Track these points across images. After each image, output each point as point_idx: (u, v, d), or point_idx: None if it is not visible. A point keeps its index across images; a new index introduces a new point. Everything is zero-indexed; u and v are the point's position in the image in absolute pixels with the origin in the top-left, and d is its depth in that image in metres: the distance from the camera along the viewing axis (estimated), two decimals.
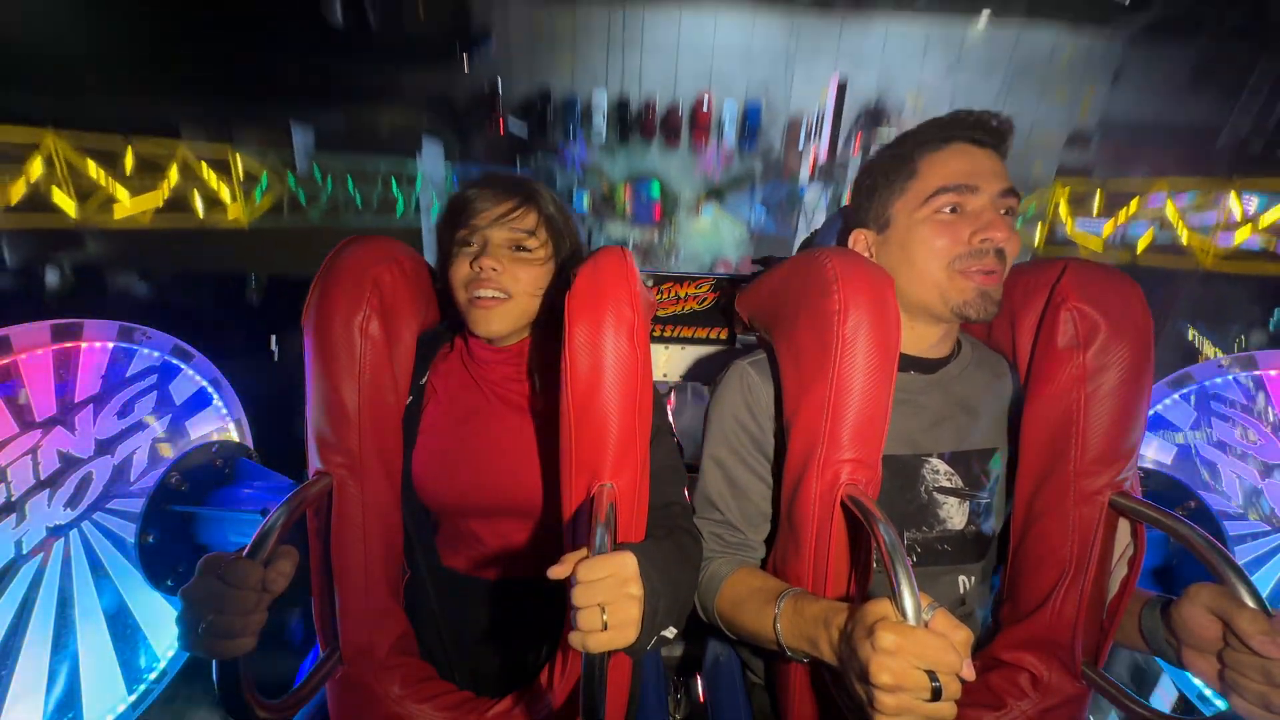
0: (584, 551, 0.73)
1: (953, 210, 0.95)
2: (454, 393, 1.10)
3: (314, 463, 0.97)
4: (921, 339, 1.03)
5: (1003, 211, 0.95)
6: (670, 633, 0.80)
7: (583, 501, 0.87)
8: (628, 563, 0.72)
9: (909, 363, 1.02)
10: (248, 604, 0.74)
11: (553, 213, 1.06)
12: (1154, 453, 1.58)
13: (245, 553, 0.76)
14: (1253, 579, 1.42)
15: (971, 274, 0.94)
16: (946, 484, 1.01)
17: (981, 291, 0.94)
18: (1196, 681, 1.43)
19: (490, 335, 1.03)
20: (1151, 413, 1.59)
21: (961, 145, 0.96)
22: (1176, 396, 1.58)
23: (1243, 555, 1.47)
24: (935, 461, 1.01)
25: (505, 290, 1.00)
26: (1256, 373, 1.51)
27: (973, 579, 1.03)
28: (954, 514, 1.01)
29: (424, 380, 1.10)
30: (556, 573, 0.72)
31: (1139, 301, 0.90)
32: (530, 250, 1.02)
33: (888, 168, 1.00)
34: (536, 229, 1.03)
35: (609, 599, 0.69)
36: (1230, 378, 1.53)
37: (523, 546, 1.07)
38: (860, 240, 1.05)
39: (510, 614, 1.08)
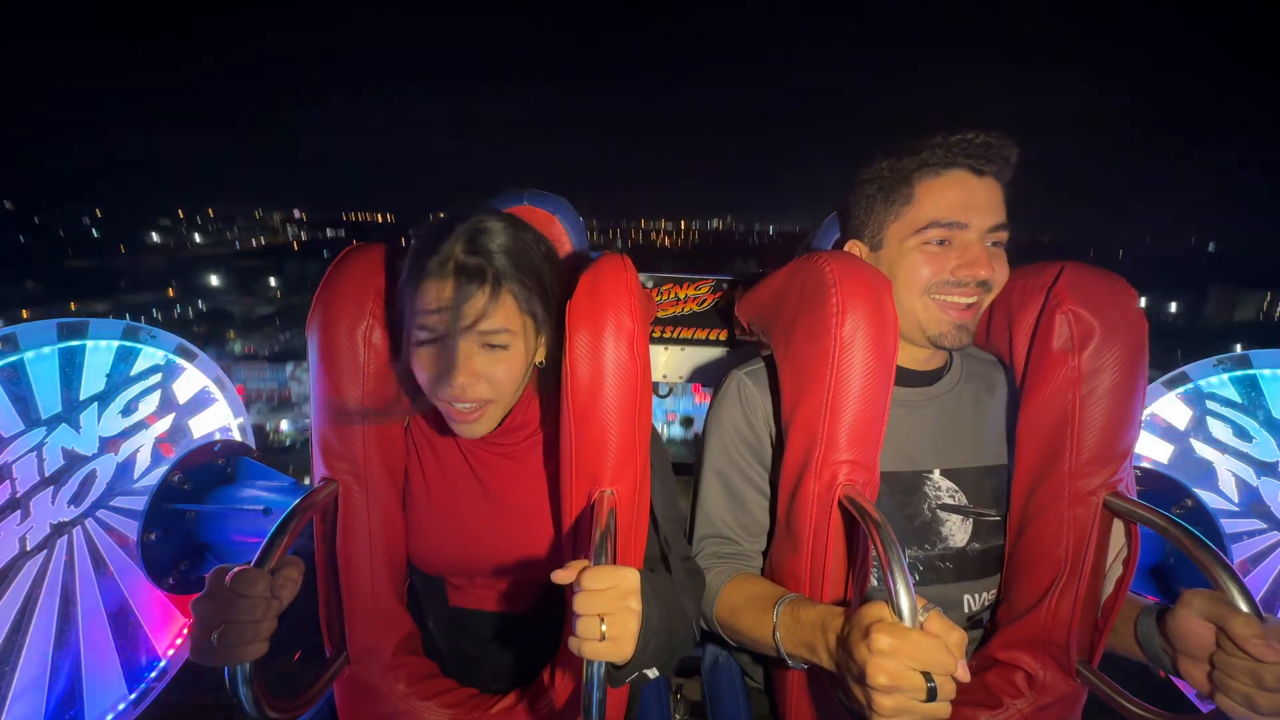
0: (587, 561, 0.74)
1: (941, 243, 0.97)
2: (433, 455, 1.06)
3: (319, 469, 0.98)
4: (912, 353, 1.04)
5: (991, 244, 0.97)
6: (652, 673, 0.80)
7: (583, 508, 0.88)
8: (630, 577, 0.72)
9: (902, 376, 1.03)
10: (257, 612, 0.75)
11: (525, 278, 0.87)
12: (1150, 451, 1.59)
13: (254, 562, 0.77)
14: (1249, 576, 1.44)
15: (948, 306, 0.97)
16: (949, 501, 1.02)
17: (957, 325, 0.98)
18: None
19: (474, 437, 0.96)
20: (1147, 412, 1.59)
21: (960, 174, 0.97)
22: (1172, 395, 1.59)
23: (1239, 553, 1.47)
24: (938, 478, 1.02)
25: (480, 399, 0.89)
26: (1251, 371, 1.52)
27: (981, 595, 1.04)
28: (956, 531, 1.02)
29: (406, 426, 1.07)
30: (560, 577, 0.73)
31: (1133, 304, 0.91)
32: (507, 346, 0.88)
33: (888, 185, 1.01)
34: (514, 317, 0.87)
35: (609, 610, 0.70)
36: (1225, 376, 1.54)
37: (521, 587, 1.07)
38: (854, 251, 1.07)
39: (508, 639, 1.08)
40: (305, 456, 0.99)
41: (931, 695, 0.63)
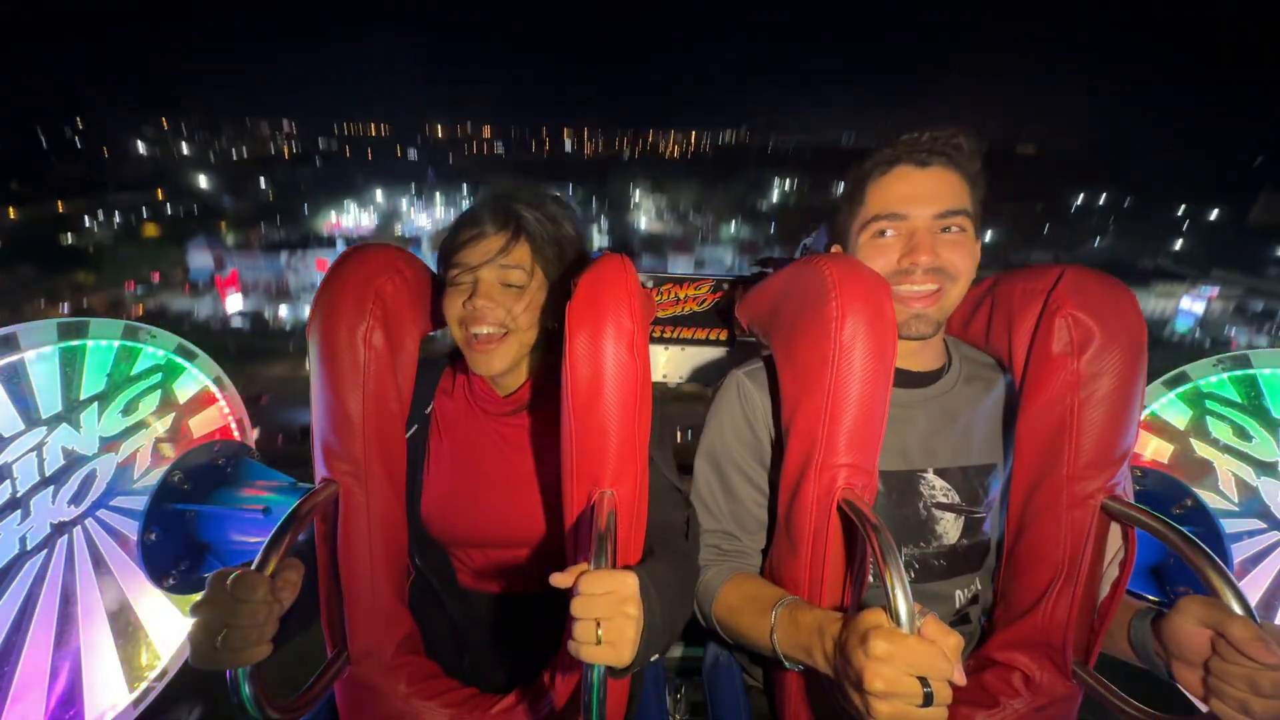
0: (586, 565, 0.74)
1: (888, 234, 0.99)
2: (459, 427, 1.11)
3: (320, 470, 0.98)
4: (909, 355, 1.04)
5: (943, 230, 0.98)
6: (654, 656, 0.81)
7: (583, 509, 0.88)
8: (629, 582, 0.72)
9: (900, 377, 1.03)
10: (258, 616, 0.75)
11: (545, 237, 1.03)
12: (1150, 452, 1.59)
13: (254, 565, 0.78)
14: (1249, 576, 1.44)
15: (905, 298, 0.98)
16: (944, 500, 1.02)
17: (914, 314, 0.98)
18: None
19: (491, 374, 1.03)
20: (1147, 412, 1.59)
21: (904, 169, 0.99)
22: (1172, 395, 1.59)
23: (1238, 553, 1.47)
24: (931, 477, 1.03)
25: (502, 325, 0.99)
26: (1250, 371, 1.51)
27: (970, 590, 1.05)
28: (950, 529, 1.02)
29: (429, 409, 1.11)
30: (559, 581, 0.73)
31: (1133, 308, 0.91)
32: (523, 285, 1.01)
33: (849, 190, 1.05)
34: (528, 261, 1.01)
35: (606, 615, 0.70)
36: (1225, 376, 1.53)
37: (529, 566, 1.08)
38: (845, 254, 1.08)
39: (514, 621, 1.09)
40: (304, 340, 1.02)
41: (928, 700, 0.64)
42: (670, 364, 1.61)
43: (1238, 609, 0.73)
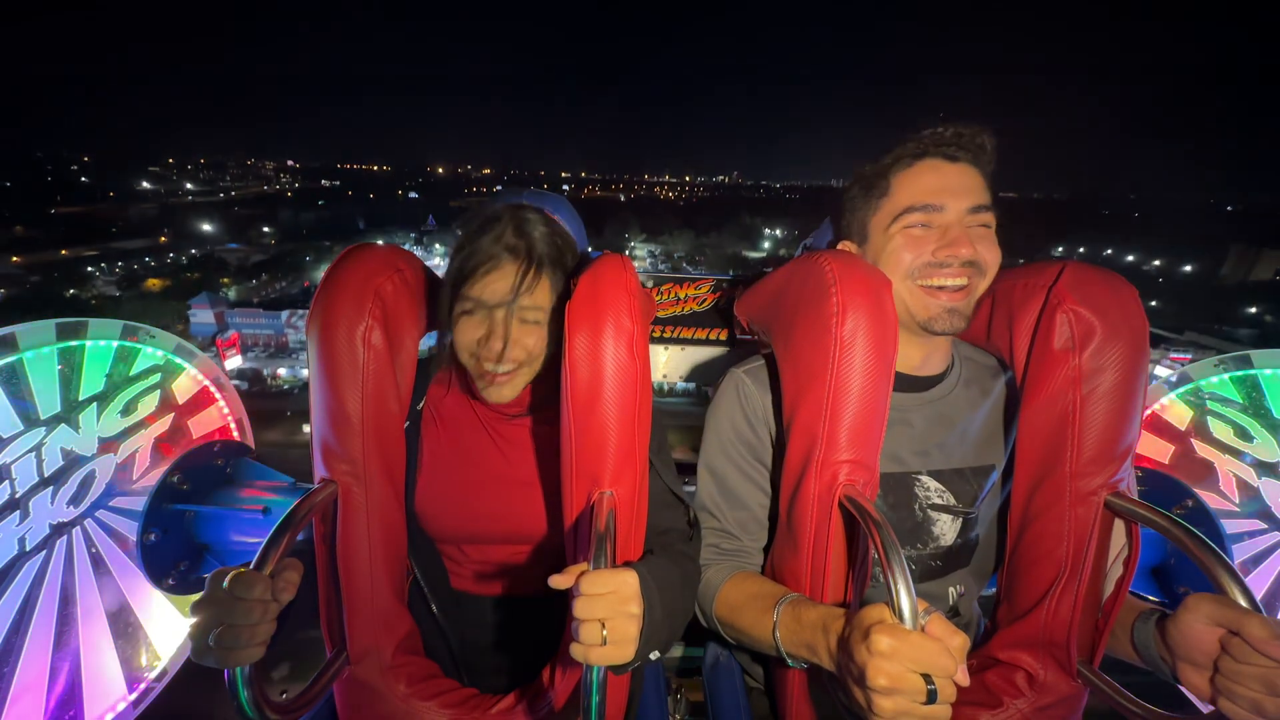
0: (586, 565, 0.74)
1: (921, 227, 0.98)
2: (452, 424, 1.10)
3: (319, 470, 0.98)
4: (909, 357, 1.04)
5: (974, 226, 0.97)
6: (654, 655, 0.81)
7: (583, 509, 0.88)
8: (629, 581, 0.73)
9: (899, 381, 1.02)
10: (255, 615, 0.75)
11: (556, 256, 0.98)
12: (1151, 451, 1.59)
13: (253, 564, 0.78)
14: (1249, 577, 1.44)
15: (936, 291, 0.97)
16: (939, 501, 1.02)
17: (948, 308, 0.97)
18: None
19: (502, 402, 1.02)
20: (1148, 412, 1.59)
21: (933, 161, 0.98)
22: (1173, 395, 1.59)
23: (1239, 554, 1.48)
24: (926, 479, 1.02)
25: (516, 361, 0.97)
26: (1251, 371, 1.51)
27: (962, 586, 1.05)
28: (946, 530, 1.02)
29: (420, 405, 1.10)
30: (558, 582, 0.73)
31: (1135, 304, 0.91)
32: (539, 320, 0.98)
33: (868, 183, 1.03)
34: (546, 297, 0.97)
35: (609, 615, 0.70)
36: (1226, 377, 1.54)
37: (526, 567, 1.08)
38: (846, 250, 1.07)
39: (512, 624, 1.09)
40: (304, 401, 0.99)
41: (931, 697, 0.63)
42: (670, 364, 1.61)
43: (1242, 600, 0.72)
